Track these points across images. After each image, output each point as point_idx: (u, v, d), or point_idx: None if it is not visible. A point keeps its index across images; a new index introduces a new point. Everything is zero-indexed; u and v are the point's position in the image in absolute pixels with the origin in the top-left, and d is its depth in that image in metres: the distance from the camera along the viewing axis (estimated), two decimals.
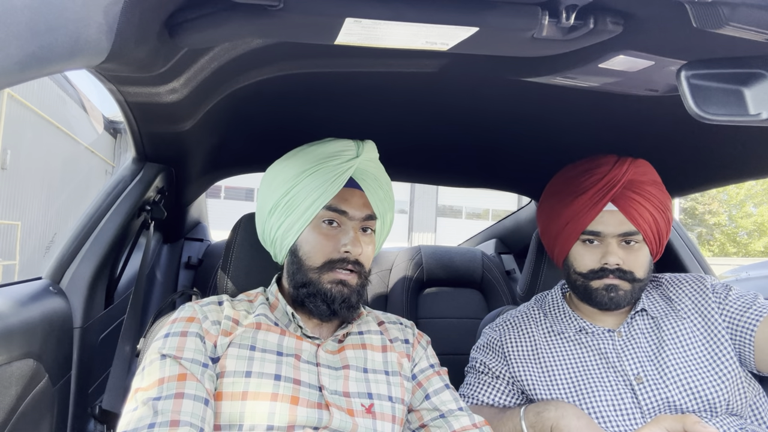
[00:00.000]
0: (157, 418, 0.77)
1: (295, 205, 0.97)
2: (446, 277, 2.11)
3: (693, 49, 0.76)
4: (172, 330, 0.89)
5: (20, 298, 1.00)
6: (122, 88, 0.89)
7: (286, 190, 0.98)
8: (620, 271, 1.10)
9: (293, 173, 0.99)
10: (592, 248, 1.14)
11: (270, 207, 1.01)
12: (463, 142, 1.53)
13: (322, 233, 0.97)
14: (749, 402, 1.08)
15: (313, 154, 1.01)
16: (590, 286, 1.13)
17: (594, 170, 1.16)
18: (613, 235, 1.11)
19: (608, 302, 1.11)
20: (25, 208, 7.25)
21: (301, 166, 1.00)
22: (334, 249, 0.96)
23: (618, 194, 1.12)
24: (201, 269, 1.94)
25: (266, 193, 1.04)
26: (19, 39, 0.47)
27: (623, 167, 1.13)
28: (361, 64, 0.98)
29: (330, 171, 0.97)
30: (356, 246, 0.95)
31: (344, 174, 0.98)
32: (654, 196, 1.12)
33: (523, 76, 0.95)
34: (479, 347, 1.27)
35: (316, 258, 0.96)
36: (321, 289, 0.95)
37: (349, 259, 0.95)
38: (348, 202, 0.98)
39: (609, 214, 1.12)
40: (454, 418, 0.97)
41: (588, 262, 1.13)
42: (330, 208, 0.97)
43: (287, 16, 0.67)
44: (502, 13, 0.69)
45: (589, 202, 1.13)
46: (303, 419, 0.85)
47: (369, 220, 1.00)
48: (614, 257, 1.10)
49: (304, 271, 0.96)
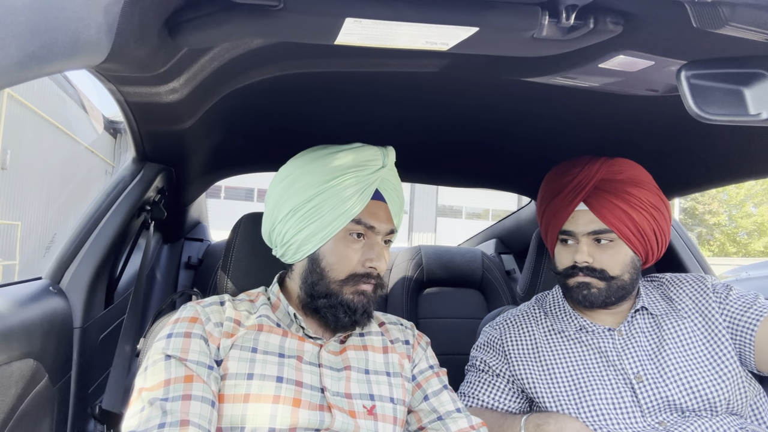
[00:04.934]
0: (166, 418, 0.77)
1: (321, 214, 0.95)
2: (446, 277, 2.11)
3: (693, 49, 0.76)
4: (175, 330, 0.89)
5: (20, 298, 1.00)
6: (122, 88, 0.89)
7: (310, 195, 0.95)
8: (589, 269, 1.12)
9: (320, 179, 0.96)
10: (568, 247, 1.16)
11: (288, 210, 0.97)
12: (463, 142, 1.53)
13: (348, 246, 0.95)
14: (749, 402, 1.08)
15: (341, 161, 0.98)
16: (567, 284, 1.16)
17: (569, 171, 1.19)
18: (583, 233, 1.13)
19: (582, 300, 1.13)
20: (25, 208, 7.25)
21: (329, 173, 0.96)
22: (359, 263, 0.95)
23: (590, 194, 1.14)
24: (201, 269, 1.94)
25: (284, 194, 0.99)
26: (19, 39, 0.47)
27: (594, 167, 1.16)
28: (361, 64, 0.98)
29: (360, 182, 0.95)
30: (382, 262, 0.95)
31: (372, 185, 0.96)
32: (631, 194, 1.12)
33: (523, 76, 0.95)
34: (479, 346, 1.27)
35: (340, 271, 0.95)
36: (343, 300, 0.94)
37: (373, 275, 0.95)
38: (376, 217, 0.96)
39: (580, 214, 1.14)
40: (451, 420, 0.97)
41: (564, 260, 1.17)
42: (359, 222, 0.95)
43: (287, 16, 0.67)
44: (502, 13, 0.69)
45: (563, 201, 1.16)
46: (305, 421, 0.84)
47: (392, 234, 1.00)
48: (581, 255, 1.12)
49: (326, 283, 0.95)
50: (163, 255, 1.83)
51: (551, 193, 1.20)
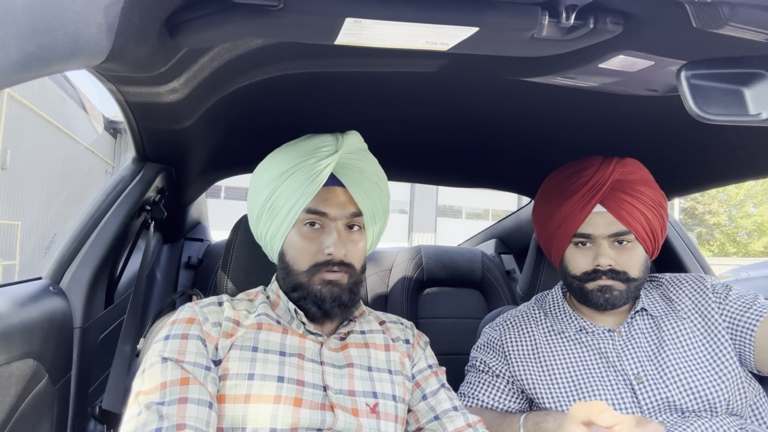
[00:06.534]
0: (163, 423, 0.77)
1: (278, 210, 0.96)
2: (446, 277, 2.11)
3: (693, 49, 0.76)
4: (173, 332, 0.89)
5: (20, 298, 1.00)
6: (122, 88, 0.89)
7: (268, 194, 0.97)
8: (613, 272, 1.10)
9: (273, 175, 0.98)
10: (585, 250, 1.14)
11: (257, 212, 1.00)
12: (463, 142, 1.53)
13: (304, 237, 0.96)
14: (749, 402, 1.08)
15: (291, 154, 0.98)
16: (585, 288, 1.13)
17: (581, 172, 1.17)
18: (603, 236, 1.11)
19: (604, 303, 1.11)
20: (25, 208, 7.25)
21: (280, 167, 0.97)
22: (318, 251, 0.94)
23: (606, 195, 1.12)
24: (201, 269, 1.94)
25: (252, 196, 1.02)
26: (19, 39, 0.47)
27: (609, 168, 1.14)
28: (361, 64, 0.98)
29: (307, 171, 0.95)
30: (339, 247, 0.93)
31: (322, 173, 0.95)
32: (644, 194, 1.12)
33: (523, 76, 0.95)
34: (479, 346, 1.27)
35: (301, 262, 0.95)
36: (311, 291, 0.94)
37: (334, 261, 0.94)
38: (327, 202, 0.95)
39: (599, 216, 1.12)
40: (448, 419, 0.97)
41: (581, 264, 1.14)
42: (309, 211, 0.95)
43: (287, 16, 0.67)
44: (502, 13, 0.69)
45: (578, 204, 1.13)
46: (306, 421, 0.84)
47: (355, 217, 0.97)
48: (605, 258, 1.10)
49: (293, 276, 0.96)
50: (163, 255, 1.83)
51: (562, 195, 1.17)
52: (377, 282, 2.12)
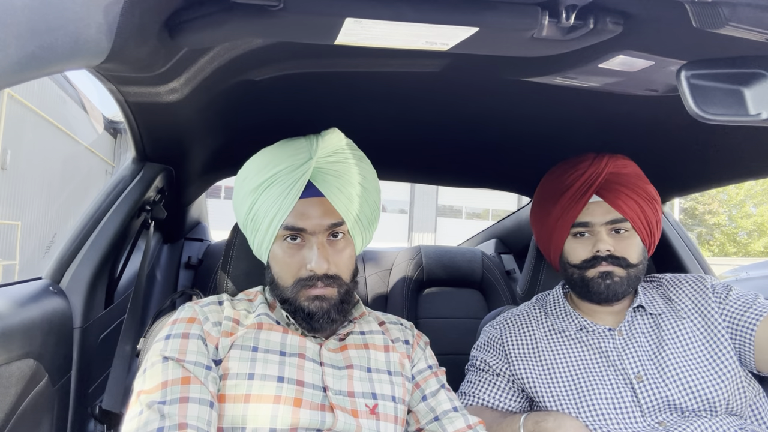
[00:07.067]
0: (165, 422, 0.77)
1: (258, 223, 0.93)
2: (446, 277, 2.11)
3: (693, 49, 0.76)
4: (173, 332, 0.89)
5: (20, 298, 1.00)
6: (122, 88, 0.89)
7: (249, 206, 0.94)
8: (612, 257, 1.12)
9: (250, 187, 0.94)
10: (584, 240, 1.16)
11: (242, 222, 0.98)
12: (463, 142, 1.53)
13: (285, 252, 0.93)
14: (749, 402, 1.08)
15: (268, 163, 0.94)
16: (586, 277, 1.14)
17: (575, 167, 1.20)
18: (601, 223, 1.13)
19: (605, 290, 1.12)
20: (25, 208, 7.25)
21: (256, 178, 0.94)
22: (300, 266, 0.92)
23: (602, 186, 1.15)
24: (201, 269, 1.94)
25: (236, 206, 0.99)
26: (19, 39, 0.47)
27: (602, 162, 1.17)
28: (361, 64, 0.98)
29: (282, 183, 0.91)
30: (321, 262, 0.90)
31: (297, 184, 0.91)
32: (639, 186, 1.16)
33: (523, 76, 0.95)
34: (480, 345, 1.27)
35: (285, 278, 0.93)
36: (299, 307, 0.92)
37: (317, 276, 0.91)
38: (305, 216, 0.91)
39: (595, 205, 1.15)
40: (448, 420, 0.97)
41: (580, 253, 1.15)
42: (287, 227, 0.91)
43: (287, 16, 0.67)
44: (502, 13, 0.69)
45: (575, 195, 1.16)
46: (306, 422, 0.84)
47: (336, 227, 0.93)
48: (604, 244, 1.12)
49: (280, 290, 0.94)
50: (163, 255, 1.83)
51: (558, 190, 1.20)
52: (377, 282, 2.12)
